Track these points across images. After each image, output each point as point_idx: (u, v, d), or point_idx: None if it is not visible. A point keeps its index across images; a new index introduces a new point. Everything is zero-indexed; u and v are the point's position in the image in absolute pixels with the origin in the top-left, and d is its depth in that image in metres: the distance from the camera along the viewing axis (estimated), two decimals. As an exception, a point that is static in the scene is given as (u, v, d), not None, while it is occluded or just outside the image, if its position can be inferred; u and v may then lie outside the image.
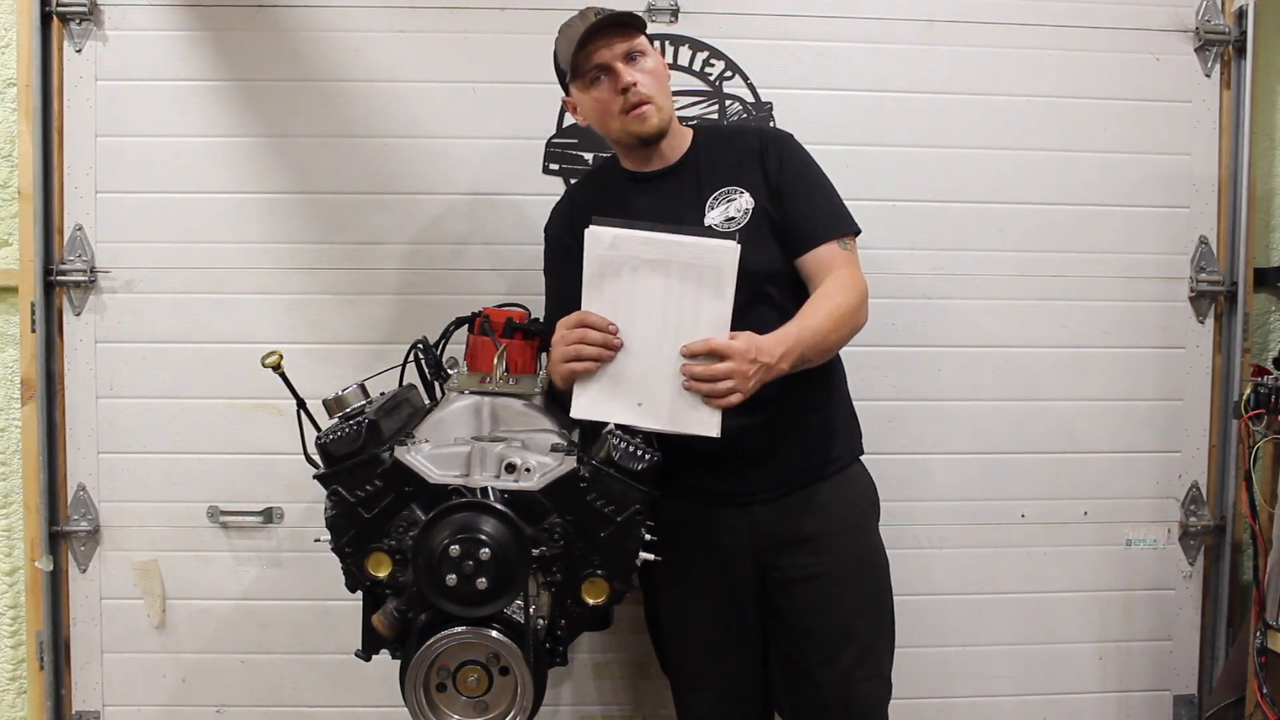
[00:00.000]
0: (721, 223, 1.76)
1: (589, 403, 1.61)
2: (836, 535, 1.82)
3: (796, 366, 1.64)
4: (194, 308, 2.33)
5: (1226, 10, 2.41)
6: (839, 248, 1.76)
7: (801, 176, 1.79)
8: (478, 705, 1.53)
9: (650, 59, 1.76)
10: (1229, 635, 2.46)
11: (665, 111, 1.78)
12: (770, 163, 1.78)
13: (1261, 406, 2.20)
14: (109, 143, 2.31)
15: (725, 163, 1.80)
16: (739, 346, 1.57)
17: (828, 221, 1.77)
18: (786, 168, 1.78)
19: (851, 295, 1.71)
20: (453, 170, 2.35)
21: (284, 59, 2.32)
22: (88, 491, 2.35)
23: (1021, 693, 2.49)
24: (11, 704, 2.43)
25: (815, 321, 1.67)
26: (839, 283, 1.72)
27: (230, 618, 2.39)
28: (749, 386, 1.58)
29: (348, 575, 1.58)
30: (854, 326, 1.73)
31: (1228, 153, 2.43)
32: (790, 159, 1.80)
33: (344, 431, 1.54)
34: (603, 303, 1.60)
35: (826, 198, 1.80)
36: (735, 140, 1.85)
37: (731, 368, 1.56)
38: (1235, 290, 2.42)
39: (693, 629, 1.88)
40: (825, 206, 1.79)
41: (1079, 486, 2.46)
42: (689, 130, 1.88)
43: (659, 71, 1.78)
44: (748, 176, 1.78)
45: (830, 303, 1.69)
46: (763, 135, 1.84)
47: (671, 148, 1.83)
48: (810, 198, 1.78)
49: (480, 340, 1.81)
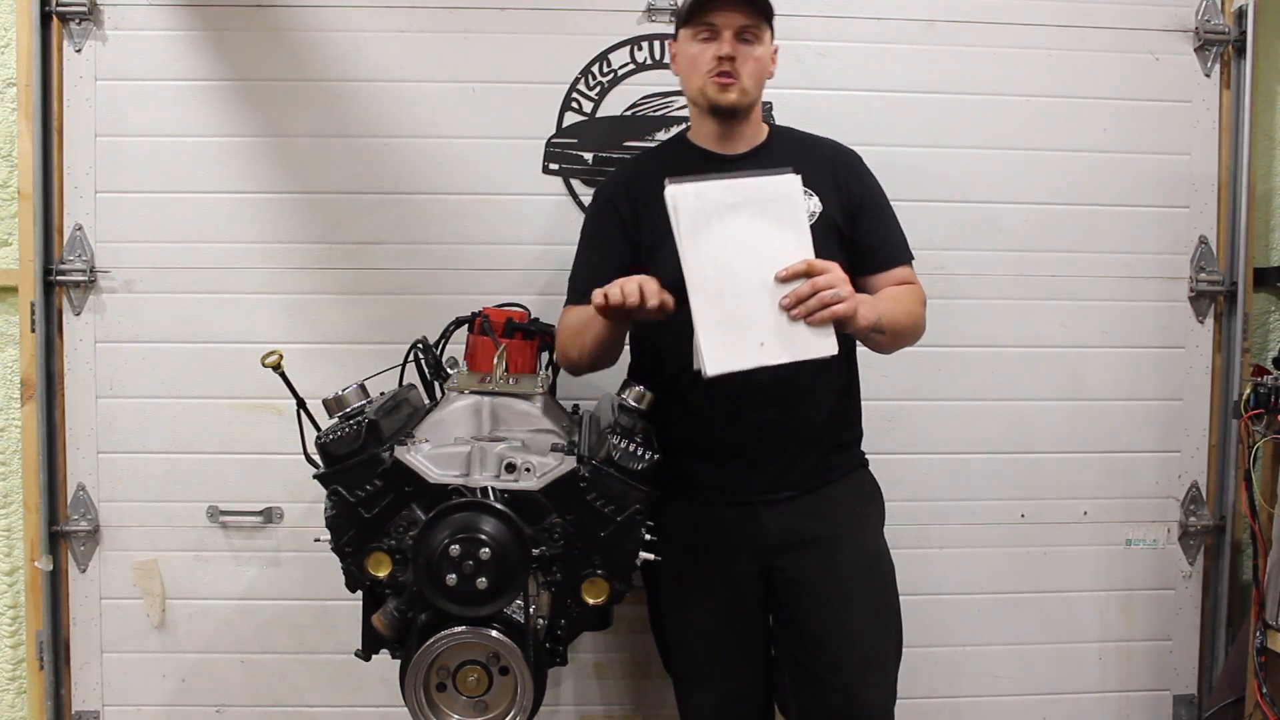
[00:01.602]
0: None
1: (718, 358, 1.55)
2: (843, 539, 1.81)
3: (873, 329, 1.65)
4: (194, 308, 2.33)
5: (1226, 10, 2.41)
6: (908, 270, 1.86)
7: (877, 201, 1.87)
8: (478, 705, 1.54)
9: (761, 49, 1.78)
10: (1229, 635, 2.46)
11: (749, 96, 1.79)
12: (850, 179, 1.85)
13: (1261, 406, 2.20)
14: (109, 143, 2.31)
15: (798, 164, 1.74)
16: (830, 264, 1.58)
17: (900, 247, 1.87)
18: (866, 189, 1.86)
19: (919, 306, 1.83)
20: (453, 170, 2.35)
21: (284, 59, 2.32)
22: (87, 491, 2.35)
23: (1021, 693, 2.49)
24: (11, 704, 2.43)
25: (889, 305, 1.73)
26: (913, 292, 1.83)
27: (230, 618, 2.39)
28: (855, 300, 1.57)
29: (348, 575, 1.58)
30: (914, 330, 1.81)
31: (1227, 152, 2.43)
32: (868, 180, 1.88)
33: (344, 431, 1.54)
34: (700, 255, 1.57)
35: (896, 224, 1.88)
36: (810, 146, 1.90)
37: (830, 278, 1.56)
38: (1235, 290, 2.42)
39: (696, 628, 1.87)
40: (897, 233, 1.88)
41: (1079, 486, 2.46)
42: (766, 126, 1.90)
43: (763, 63, 1.80)
44: (819, 182, 1.81)
45: (902, 297, 1.79)
46: (840, 151, 1.90)
47: (748, 136, 1.86)
48: (887, 222, 1.87)
49: (480, 340, 1.81)
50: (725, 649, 1.86)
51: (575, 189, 2.36)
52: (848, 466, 1.87)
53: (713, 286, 1.56)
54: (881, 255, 1.84)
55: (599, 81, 2.36)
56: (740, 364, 1.55)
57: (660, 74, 2.36)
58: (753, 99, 1.81)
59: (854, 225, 1.83)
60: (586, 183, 2.36)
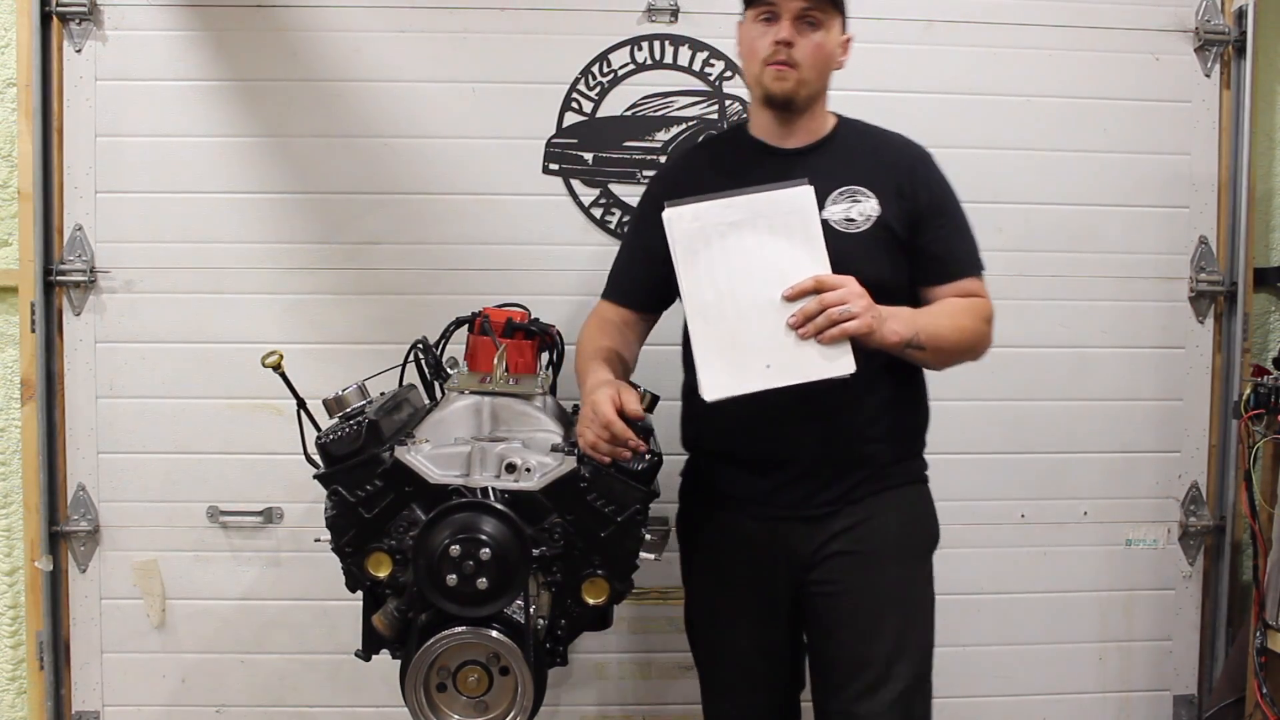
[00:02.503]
0: (841, 221, 1.66)
1: (717, 383, 1.52)
2: (870, 557, 1.70)
3: (907, 345, 1.56)
4: (194, 308, 2.33)
5: (1226, 10, 2.41)
6: (975, 282, 1.73)
7: (946, 208, 1.73)
8: (478, 705, 1.54)
9: (824, 35, 1.65)
10: (1229, 635, 2.46)
11: (809, 87, 1.67)
12: (917, 183, 1.71)
13: (1261, 406, 2.20)
14: (109, 143, 2.31)
15: (861, 162, 1.71)
16: (845, 278, 1.51)
17: (969, 257, 1.73)
18: (934, 194, 1.72)
19: (979, 322, 1.69)
20: (453, 170, 2.35)
21: (284, 59, 2.32)
22: (87, 491, 2.35)
23: (1021, 693, 2.49)
24: (11, 704, 2.43)
25: (935, 318, 1.63)
26: (973, 306, 1.70)
27: (230, 618, 2.39)
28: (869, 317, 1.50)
29: (348, 575, 1.58)
30: (973, 346, 1.69)
31: (1227, 153, 2.43)
32: (936, 187, 1.73)
33: (344, 431, 1.54)
34: (699, 278, 1.53)
35: (968, 231, 1.75)
36: (878, 143, 1.77)
37: (842, 294, 1.49)
38: (1235, 290, 2.42)
39: (726, 639, 1.80)
40: (968, 241, 1.74)
41: (1079, 486, 2.46)
42: (833, 118, 1.77)
43: (826, 51, 1.67)
44: (880, 184, 1.69)
45: (957, 311, 1.67)
46: (909, 151, 1.76)
47: (809, 129, 1.73)
48: (956, 231, 1.73)
49: (480, 340, 1.81)
50: (753, 662, 1.79)
51: (575, 189, 2.36)
52: (895, 482, 1.75)
53: (713, 309, 1.53)
54: (945, 266, 1.71)
55: (599, 82, 2.36)
56: (743, 388, 1.51)
57: (660, 74, 2.36)
58: (813, 90, 1.68)
59: (916, 232, 1.69)
60: (586, 183, 2.36)
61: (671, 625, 2.44)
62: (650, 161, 2.36)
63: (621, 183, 2.37)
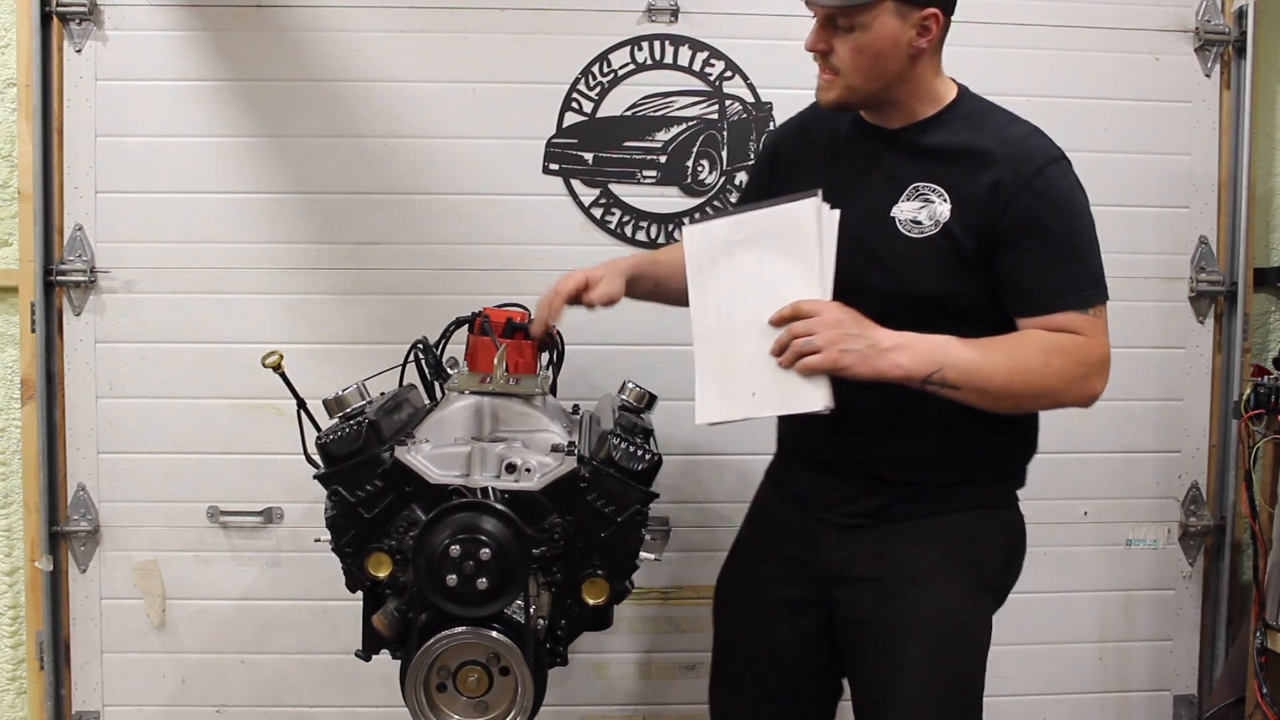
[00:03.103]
0: (907, 222, 1.51)
1: (708, 407, 1.50)
2: (904, 587, 1.56)
3: (926, 381, 1.41)
4: (194, 308, 2.33)
5: (1226, 10, 2.41)
6: (1077, 316, 1.46)
7: (1045, 227, 1.46)
8: (478, 705, 1.53)
9: (859, 35, 1.45)
10: (1229, 635, 2.46)
11: (859, 92, 1.50)
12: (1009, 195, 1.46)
13: (1261, 406, 2.20)
14: (109, 143, 2.31)
15: (956, 154, 1.50)
16: (825, 304, 1.41)
17: (1069, 288, 1.46)
18: (1028, 213, 1.46)
19: (1057, 360, 1.44)
20: (453, 170, 2.35)
21: (284, 59, 2.32)
22: (88, 491, 2.35)
23: (1021, 693, 2.49)
24: (11, 704, 2.43)
25: (987, 354, 1.43)
26: (1055, 341, 1.45)
27: (230, 618, 2.39)
28: (839, 350, 1.38)
29: (348, 575, 1.58)
30: (1047, 392, 1.46)
31: (1227, 153, 2.43)
32: (1038, 202, 1.46)
33: (344, 431, 1.54)
34: (704, 298, 1.51)
35: (1074, 258, 1.48)
36: (987, 137, 1.51)
37: (812, 323, 1.40)
38: (1235, 290, 2.42)
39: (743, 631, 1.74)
40: (1072, 269, 1.47)
41: (1079, 486, 2.46)
42: (949, 94, 1.55)
43: (867, 51, 1.46)
44: (964, 186, 1.48)
45: (1024, 347, 1.45)
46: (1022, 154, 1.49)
47: (904, 112, 1.54)
48: (1053, 256, 1.47)
49: (480, 340, 1.80)
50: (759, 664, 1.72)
51: (575, 189, 2.36)
52: (945, 507, 1.57)
53: (712, 331, 1.50)
54: (1029, 295, 1.47)
55: (599, 82, 2.35)
56: (730, 415, 1.48)
57: (660, 74, 2.36)
58: (867, 94, 1.51)
59: (996, 252, 1.47)
60: (586, 183, 2.36)
61: (671, 625, 2.45)
62: (650, 161, 2.36)
63: (622, 183, 2.37)
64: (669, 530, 2.42)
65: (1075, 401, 1.49)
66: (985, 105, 1.58)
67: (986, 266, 1.48)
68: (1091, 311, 1.48)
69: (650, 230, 2.37)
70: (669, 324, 2.37)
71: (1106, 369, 1.49)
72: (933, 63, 1.53)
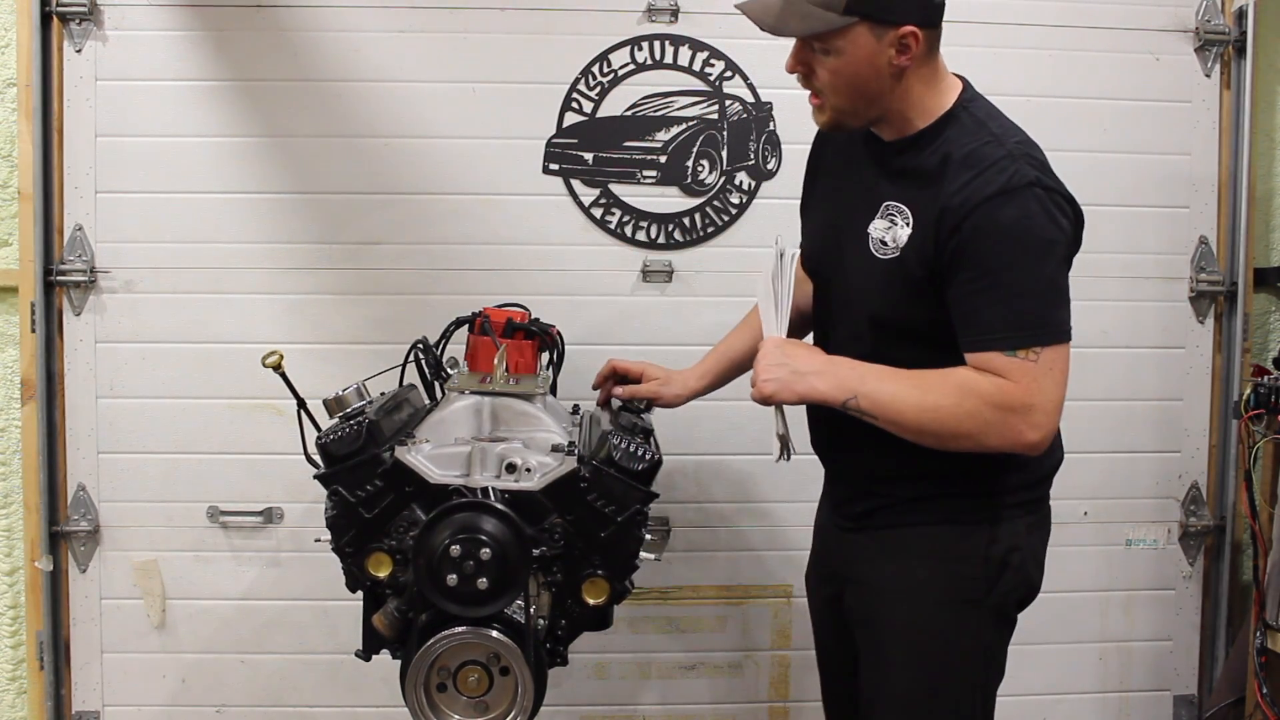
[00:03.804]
0: (877, 242, 1.50)
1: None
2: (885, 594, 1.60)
3: (846, 406, 1.45)
4: (194, 308, 2.33)
5: (1226, 10, 2.41)
6: (1005, 359, 1.38)
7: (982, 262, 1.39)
8: (478, 705, 1.53)
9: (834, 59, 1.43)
10: (1229, 635, 2.46)
11: (846, 113, 1.49)
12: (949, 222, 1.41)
13: (1261, 406, 2.20)
14: (109, 143, 2.31)
15: (924, 172, 1.47)
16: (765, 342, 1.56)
17: (1001, 328, 1.39)
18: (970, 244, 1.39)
19: (970, 402, 1.39)
20: (453, 170, 2.35)
21: (284, 59, 2.32)
22: (88, 491, 2.35)
23: (1022, 693, 2.48)
24: (11, 704, 2.43)
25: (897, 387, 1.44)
26: (970, 382, 1.40)
27: (230, 618, 2.39)
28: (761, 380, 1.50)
29: (348, 575, 1.58)
30: (960, 432, 1.41)
31: (1227, 153, 2.43)
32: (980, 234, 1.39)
33: (344, 431, 1.54)
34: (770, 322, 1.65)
35: (1008, 296, 1.39)
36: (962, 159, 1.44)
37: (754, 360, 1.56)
38: (1235, 290, 2.42)
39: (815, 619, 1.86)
40: (1002, 309, 1.39)
41: (1079, 486, 2.45)
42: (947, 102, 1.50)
43: (843, 74, 1.43)
44: (924, 209, 1.45)
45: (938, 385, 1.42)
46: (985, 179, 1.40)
47: (897, 125, 1.51)
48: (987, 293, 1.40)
49: (480, 340, 1.81)
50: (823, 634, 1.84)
51: (575, 189, 2.36)
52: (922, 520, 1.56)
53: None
54: (964, 331, 1.42)
55: (599, 82, 2.35)
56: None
57: (660, 74, 2.36)
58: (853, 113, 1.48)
59: (943, 282, 1.43)
60: (586, 183, 2.36)
61: (672, 625, 2.45)
62: (650, 161, 2.36)
63: (621, 183, 2.37)
64: (669, 530, 2.42)
65: (1003, 447, 1.43)
66: (977, 118, 1.49)
67: (937, 292, 1.45)
68: (1021, 354, 1.38)
69: (650, 230, 2.38)
70: (670, 325, 2.38)
71: (1037, 415, 1.41)
72: (923, 76, 1.48)
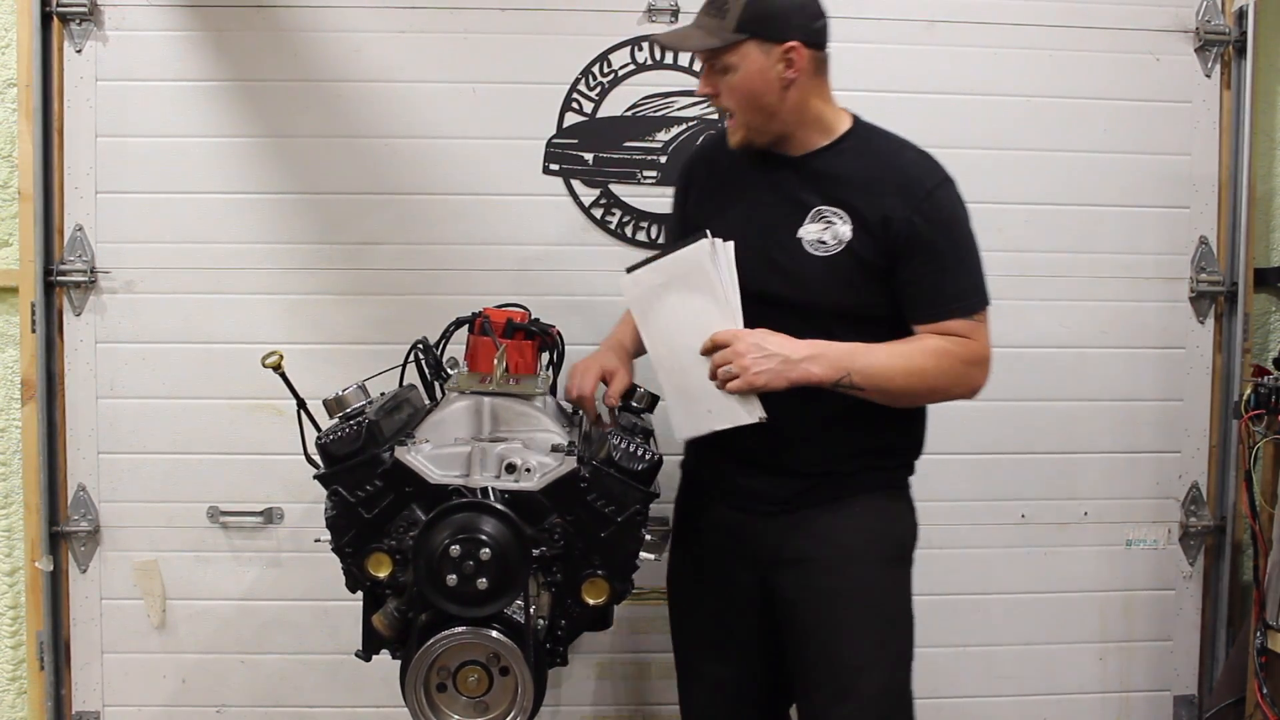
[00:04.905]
0: (813, 242, 1.65)
1: (682, 424, 1.70)
2: (832, 562, 1.71)
3: (840, 384, 1.58)
4: (194, 308, 2.33)
5: (1226, 10, 2.41)
6: (963, 322, 1.63)
7: (931, 241, 1.62)
8: (478, 705, 1.53)
9: (735, 75, 1.62)
10: (1229, 635, 2.46)
11: (755, 128, 1.66)
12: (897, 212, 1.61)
13: (1261, 407, 2.20)
14: (109, 143, 2.31)
15: (848, 180, 1.65)
16: (732, 334, 1.59)
17: (959, 297, 1.64)
18: (920, 232, 1.61)
19: (946, 361, 1.62)
20: (453, 170, 2.35)
21: (284, 59, 2.32)
22: (88, 491, 2.35)
23: (1021, 693, 2.49)
24: (11, 704, 2.43)
25: (884, 359, 1.61)
26: (942, 346, 1.62)
27: (230, 618, 2.39)
28: (752, 373, 1.56)
29: (348, 575, 1.58)
30: (937, 388, 1.65)
31: (1228, 153, 2.43)
32: (924, 217, 1.61)
33: (344, 431, 1.54)
34: (653, 334, 1.70)
35: (962, 270, 1.65)
36: (878, 162, 1.67)
37: (725, 354, 1.58)
38: (1235, 290, 2.42)
39: (694, 619, 1.88)
40: (960, 281, 1.64)
41: (1079, 486, 2.46)
42: (844, 124, 1.70)
43: (744, 88, 1.62)
44: (863, 208, 1.63)
45: (917, 351, 1.62)
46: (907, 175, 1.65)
47: (801, 141, 1.68)
48: (944, 271, 1.63)
49: (480, 340, 1.80)
50: (724, 650, 1.85)
51: (575, 189, 2.36)
52: (857, 490, 1.72)
53: (666, 361, 1.69)
54: (923, 306, 1.64)
55: (599, 82, 2.36)
56: (699, 430, 1.67)
57: (660, 74, 2.36)
58: (760, 128, 1.66)
59: (895, 267, 1.63)
60: (586, 183, 2.36)
61: (672, 625, 2.45)
62: (650, 161, 2.36)
63: (622, 183, 2.37)
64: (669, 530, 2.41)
65: (961, 395, 1.68)
66: (878, 132, 1.72)
67: (887, 278, 1.65)
68: (975, 317, 1.65)
69: (650, 230, 2.37)
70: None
71: (988, 365, 1.67)
72: (816, 92, 1.67)
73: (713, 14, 1.63)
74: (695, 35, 1.65)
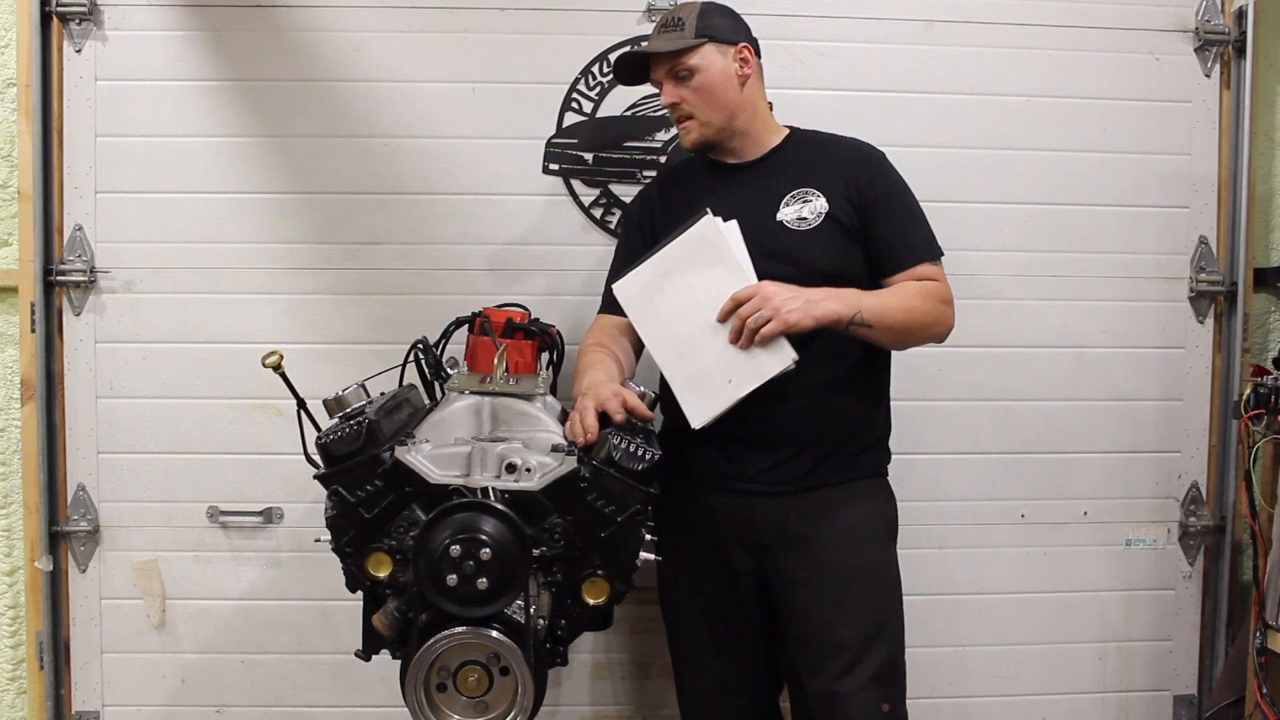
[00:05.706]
0: (794, 220, 1.82)
1: (699, 409, 1.72)
2: (836, 543, 1.81)
3: (850, 323, 1.70)
4: (194, 308, 2.33)
5: (1226, 10, 2.41)
6: (930, 267, 1.84)
7: (894, 199, 1.85)
8: (478, 705, 1.53)
9: (701, 77, 1.82)
10: (1229, 635, 2.46)
11: (713, 127, 1.85)
12: (862, 178, 1.84)
13: (1261, 406, 2.20)
14: (109, 143, 2.31)
15: (809, 166, 1.87)
16: (753, 288, 1.67)
17: (923, 245, 1.85)
18: (879, 187, 1.85)
19: (931, 302, 1.80)
20: (453, 170, 2.35)
21: (284, 59, 2.32)
22: (87, 491, 2.35)
23: (1021, 693, 2.49)
24: (11, 704, 2.43)
25: (883, 299, 1.76)
26: (923, 287, 1.81)
27: (230, 618, 2.39)
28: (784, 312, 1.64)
29: (348, 575, 1.58)
30: (926, 325, 1.80)
31: (1227, 153, 2.43)
32: (884, 178, 1.86)
33: (344, 431, 1.54)
34: (654, 330, 1.75)
35: (921, 221, 1.87)
36: (826, 148, 1.91)
37: (755, 302, 1.65)
38: (1235, 290, 2.42)
39: (691, 613, 1.91)
40: (920, 230, 1.86)
41: (1079, 486, 2.46)
42: (784, 129, 1.93)
43: (706, 89, 1.83)
44: (828, 183, 1.84)
45: (906, 293, 1.79)
46: (857, 150, 1.90)
47: (752, 145, 1.90)
48: (906, 219, 1.85)
49: (480, 340, 1.81)
50: (719, 637, 1.89)
51: (575, 189, 2.36)
52: (856, 474, 1.86)
53: (672, 352, 1.74)
54: (897, 254, 1.84)
55: (599, 82, 2.36)
56: (720, 407, 1.70)
57: (660, 74, 2.35)
58: (720, 125, 1.85)
59: (868, 223, 1.83)
60: (586, 183, 2.36)
61: (671, 625, 2.44)
62: (650, 161, 2.36)
63: (621, 183, 2.37)
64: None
65: (939, 333, 1.84)
66: (812, 131, 1.96)
67: (864, 238, 1.83)
68: (938, 263, 1.86)
69: (650, 230, 2.37)
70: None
71: (953, 304, 1.86)
72: (761, 93, 1.91)
73: (671, 29, 1.84)
74: (662, 41, 1.84)
